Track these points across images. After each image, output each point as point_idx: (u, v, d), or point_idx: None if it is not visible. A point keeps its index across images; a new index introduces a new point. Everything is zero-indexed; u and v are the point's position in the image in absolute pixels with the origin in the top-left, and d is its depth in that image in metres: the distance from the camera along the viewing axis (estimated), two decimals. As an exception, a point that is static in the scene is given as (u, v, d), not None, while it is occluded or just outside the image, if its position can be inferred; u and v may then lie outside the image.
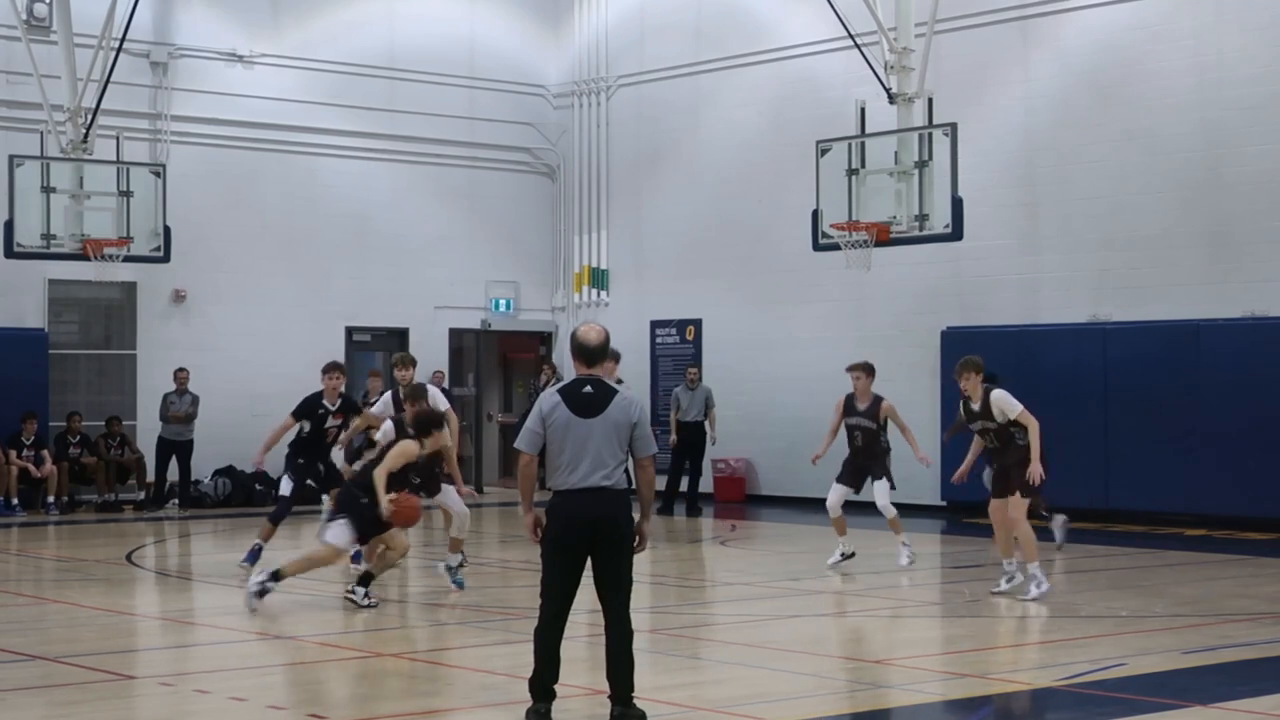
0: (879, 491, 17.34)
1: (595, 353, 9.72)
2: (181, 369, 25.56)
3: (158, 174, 24.24)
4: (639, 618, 9.89)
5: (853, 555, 17.50)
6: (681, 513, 25.12)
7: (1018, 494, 15.10)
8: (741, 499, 27.48)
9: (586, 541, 9.52)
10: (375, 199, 28.83)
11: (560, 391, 9.68)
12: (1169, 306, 22.70)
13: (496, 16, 30.34)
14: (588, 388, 9.64)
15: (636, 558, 9.69)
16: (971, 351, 16.54)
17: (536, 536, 9.70)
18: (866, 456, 17.46)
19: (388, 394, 17.24)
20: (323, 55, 28.37)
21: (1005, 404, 15.12)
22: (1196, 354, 22.16)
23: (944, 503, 24.19)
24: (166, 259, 24.38)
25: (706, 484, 26.64)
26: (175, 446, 25.47)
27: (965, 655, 12.55)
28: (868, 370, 17.55)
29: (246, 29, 27.74)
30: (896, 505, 17.54)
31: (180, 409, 25.42)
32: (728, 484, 27.57)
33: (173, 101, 26.91)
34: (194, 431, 25.56)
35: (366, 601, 14.46)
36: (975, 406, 15.36)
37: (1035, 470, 14.95)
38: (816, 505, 20.74)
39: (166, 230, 24.04)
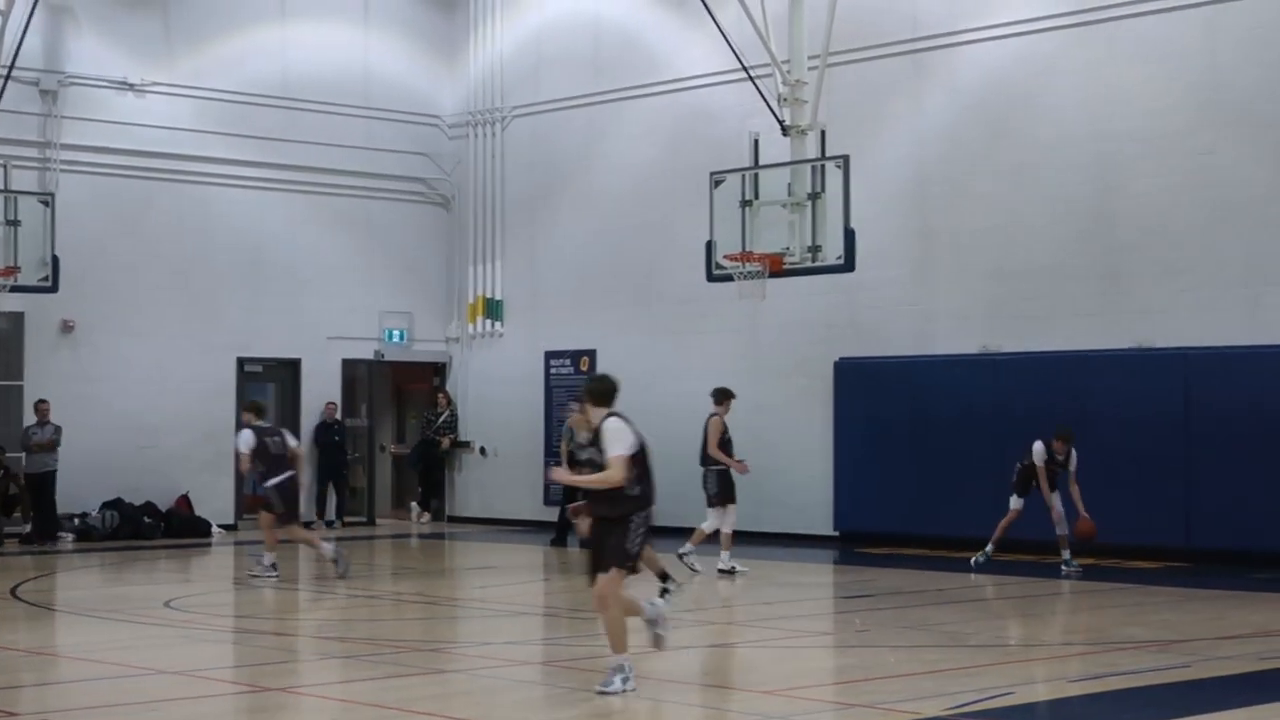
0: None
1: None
2: (43, 400, 25.08)
3: (46, 203, 23.96)
4: (533, 649, 9.84)
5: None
6: (575, 545, 24.99)
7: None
8: (636, 530, 27.32)
9: None
10: (268, 229, 28.59)
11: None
12: (1058, 337, 22.92)
13: (391, 46, 30.23)
14: None
15: (533, 587, 9.61)
16: (865, 378, 16.69)
17: None
18: None
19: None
20: (216, 84, 28.13)
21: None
22: (1085, 384, 22.39)
23: (836, 533, 24.30)
24: (55, 289, 24.15)
25: (600, 515, 26.51)
26: (39, 478, 25.03)
27: (855, 685, 12.59)
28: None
29: (138, 57, 27.45)
30: (793, 535, 17.74)
31: (43, 438, 24.96)
32: (622, 515, 27.43)
33: (62, 130, 26.61)
34: (58, 462, 25.11)
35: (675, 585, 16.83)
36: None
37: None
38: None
39: (55, 260, 23.80)
